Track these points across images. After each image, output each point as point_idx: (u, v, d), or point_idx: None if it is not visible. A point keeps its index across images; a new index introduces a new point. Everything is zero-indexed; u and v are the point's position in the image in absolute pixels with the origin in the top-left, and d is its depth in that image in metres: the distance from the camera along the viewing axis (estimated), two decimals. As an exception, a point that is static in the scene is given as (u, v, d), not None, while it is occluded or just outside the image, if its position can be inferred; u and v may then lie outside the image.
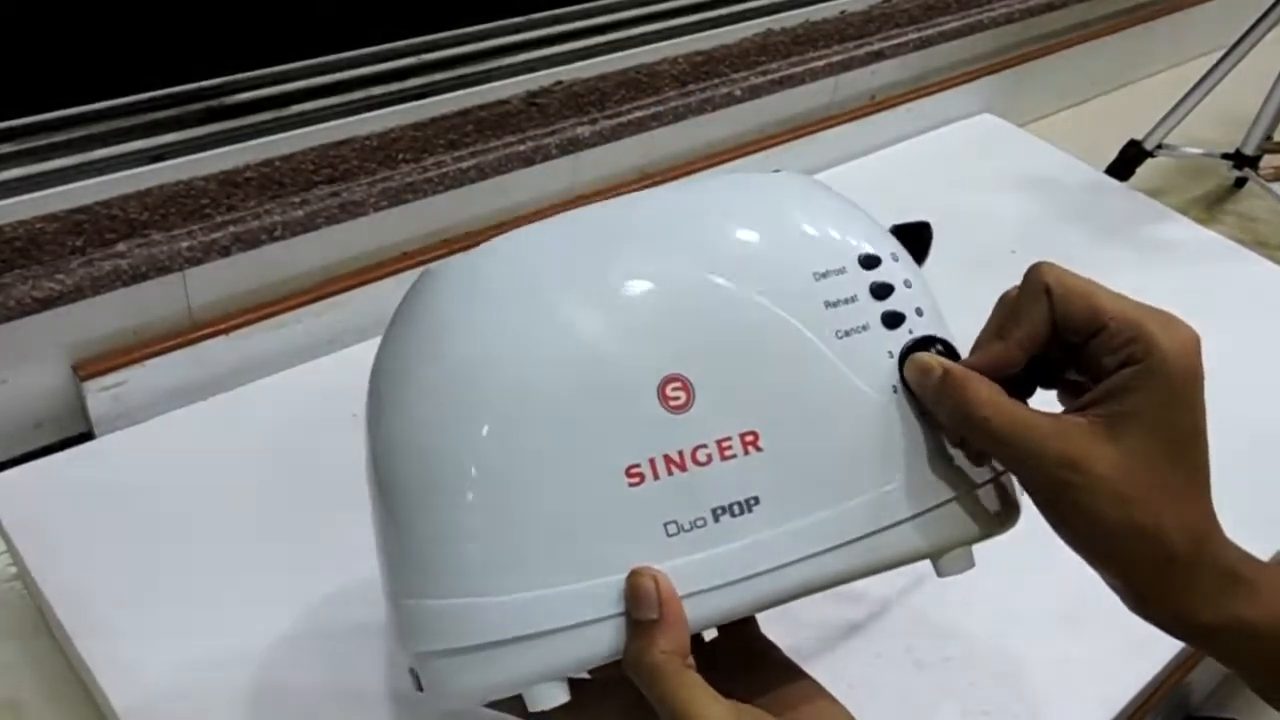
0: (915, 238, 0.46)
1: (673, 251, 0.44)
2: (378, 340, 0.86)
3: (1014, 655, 0.65)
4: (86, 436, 0.74)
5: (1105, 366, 0.41)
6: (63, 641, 0.62)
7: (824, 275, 0.44)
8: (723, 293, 0.43)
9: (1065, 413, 0.42)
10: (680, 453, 0.41)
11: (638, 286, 0.43)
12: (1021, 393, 0.44)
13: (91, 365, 0.72)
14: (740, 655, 0.47)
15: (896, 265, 0.46)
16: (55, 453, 0.71)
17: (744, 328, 0.43)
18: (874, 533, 0.43)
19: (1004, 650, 0.66)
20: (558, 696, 0.41)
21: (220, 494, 0.68)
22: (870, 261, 0.45)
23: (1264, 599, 0.40)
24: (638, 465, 0.41)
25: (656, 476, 0.41)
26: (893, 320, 0.45)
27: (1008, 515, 0.45)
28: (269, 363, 0.79)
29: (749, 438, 0.42)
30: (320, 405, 0.76)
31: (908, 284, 0.45)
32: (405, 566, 0.42)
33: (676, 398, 0.42)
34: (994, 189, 1.12)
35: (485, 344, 0.42)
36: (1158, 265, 1.04)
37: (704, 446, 0.42)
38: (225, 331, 0.77)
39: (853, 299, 0.44)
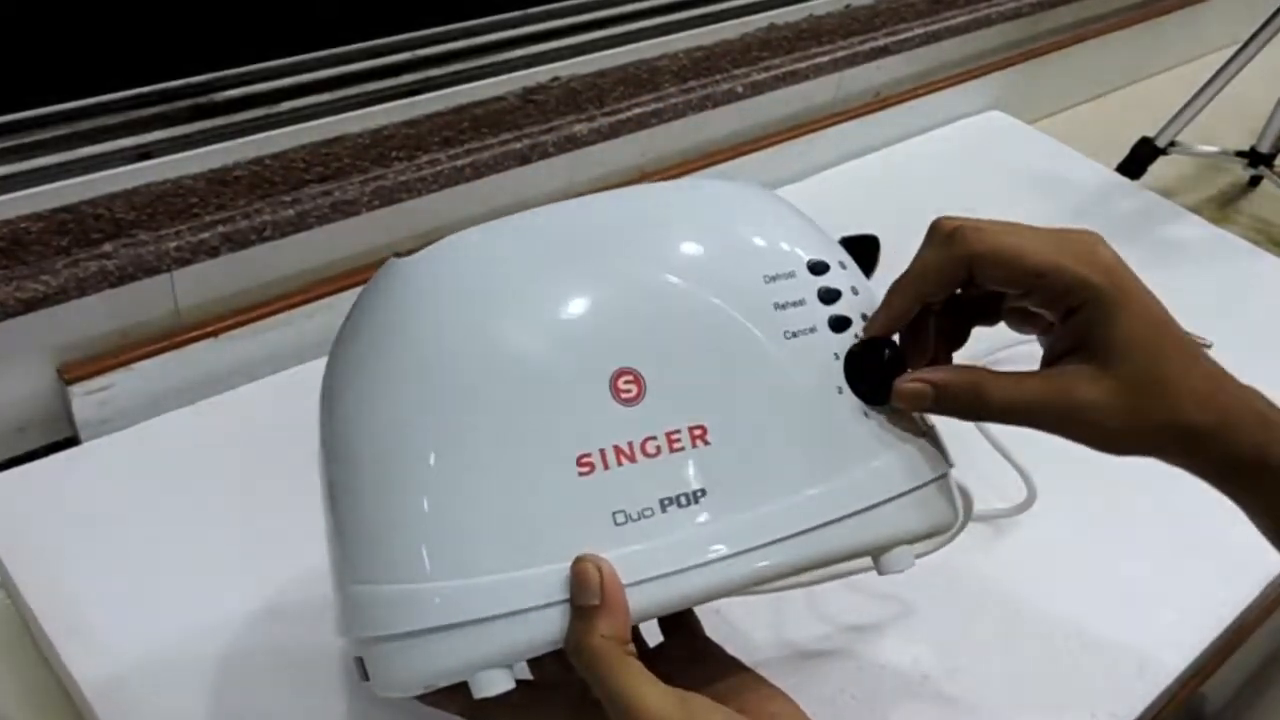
0: (864, 250, 0.50)
1: (628, 250, 0.47)
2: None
3: (1022, 666, 0.65)
4: (72, 441, 0.74)
5: (1049, 312, 0.46)
6: (47, 652, 0.62)
7: (774, 278, 0.47)
8: (675, 290, 0.46)
9: (1050, 365, 0.47)
10: (630, 444, 0.43)
11: (593, 282, 0.46)
12: (958, 339, 0.49)
13: (77, 368, 0.72)
14: (687, 656, 0.49)
15: (844, 273, 0.49)
16: (39, 458, 0.71)
17: (695, 325, 0.46)
18: (817, 528, 0.45)
19: (1012, 661, 0.66)
20: (502, 683, 0.42)
21: (209, 500, 0.68)
22: (819, 268, 0.48)
23: None
24: (588, 455, 0.43)
25: (606, 466, 0.43)
26: (839, 324, 0.47)
27: (948, 516, 0.48)
28: (259, 366, 0.79)
29: (697, 431, 0.44)
30: (311, 409, 0.76)
31: (855, 290, 0.49)
32: (354, 552, 0.43)
33: (628, 390, 0.44)
34: (1002, 188, 1.12)
35: (441, 334, 0.44)
36: (1170, 265, 1.04)
37: (653, 438, 0.44)
38: (214, 334, 0.77)
39: (801, 302, 0.47)
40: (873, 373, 0.47)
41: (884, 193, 1.08)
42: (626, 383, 0.44)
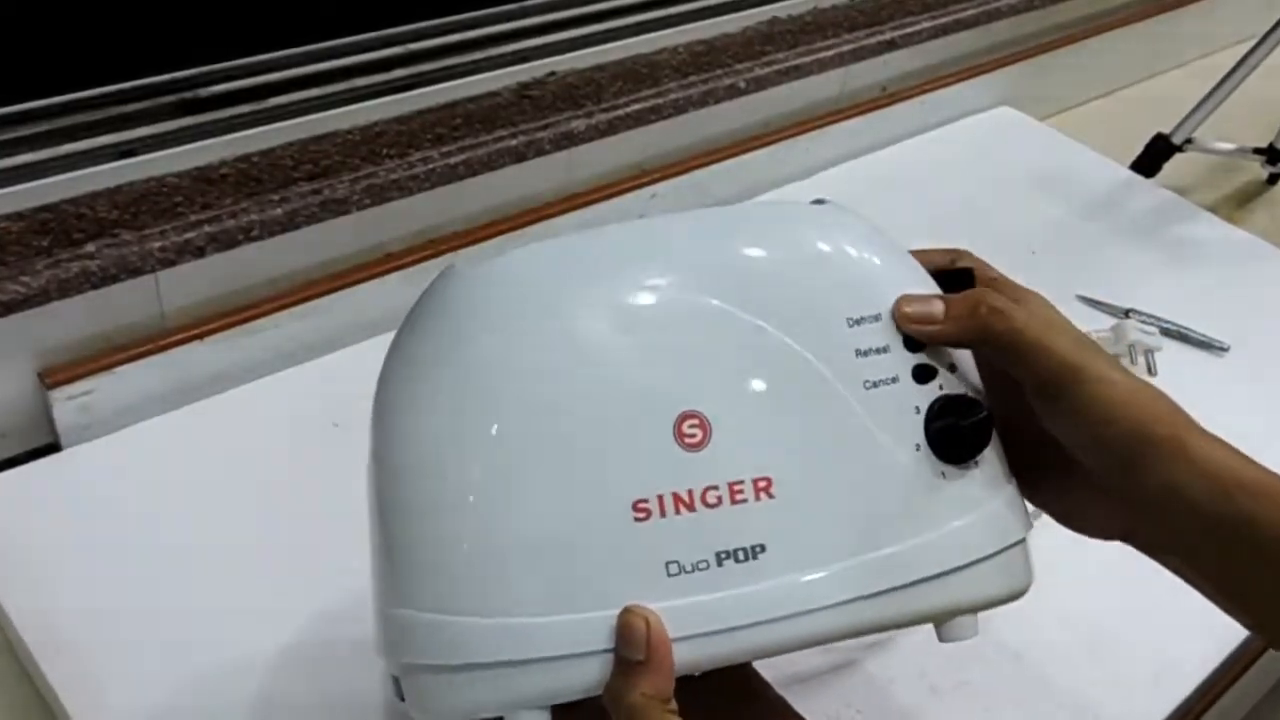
0: (957, 285, 0.47)
1: (703, 282, 0.45)
2: (360, 346, 0.86)
3: (1033, 681, 0.66)
4: (53, 448, 0.74)
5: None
6: (27, 664, 0.62)
7: (858, 321, 0.45)
8: (751, 331, 0.44)
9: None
10: (690, 492, 0.42)
11: (664, 316, 0.44)
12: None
13: (58, 373, 0.72)
14: (732, 693, 0.49)
15: None
16: (19, 465, 0.71)
17: (769, 369, 0.44)
18: (880, 593, 0.43)
19: (1022, 676, 0.66)
20: None
21: (194, 508, 0.68)
22: None
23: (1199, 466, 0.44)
24: (646, 501, 0.42)
25: (664, 514, 0.42)
26: (924, 374, 0.45)
27: (1024, 581, 0.46)
28: (246, 370, 0.79)
29: (762, 483, 0.43)
30: (300, 414, 0.76)
31: None
32: (398, 575, 0.43)
33: (692, 435, 0.43)
34: (1012, 186, 1.12)
35: (501, 360, 0.43)
36: (1186, 265, 1.05)
37: (715, 488, 0.42)
38: (200, 337, 0.77)
39: (885, 349, 0.45)
40: (955, 431, 0.44)
41: (890, 191, 1.08)
42: (691, 427, 0.43)
